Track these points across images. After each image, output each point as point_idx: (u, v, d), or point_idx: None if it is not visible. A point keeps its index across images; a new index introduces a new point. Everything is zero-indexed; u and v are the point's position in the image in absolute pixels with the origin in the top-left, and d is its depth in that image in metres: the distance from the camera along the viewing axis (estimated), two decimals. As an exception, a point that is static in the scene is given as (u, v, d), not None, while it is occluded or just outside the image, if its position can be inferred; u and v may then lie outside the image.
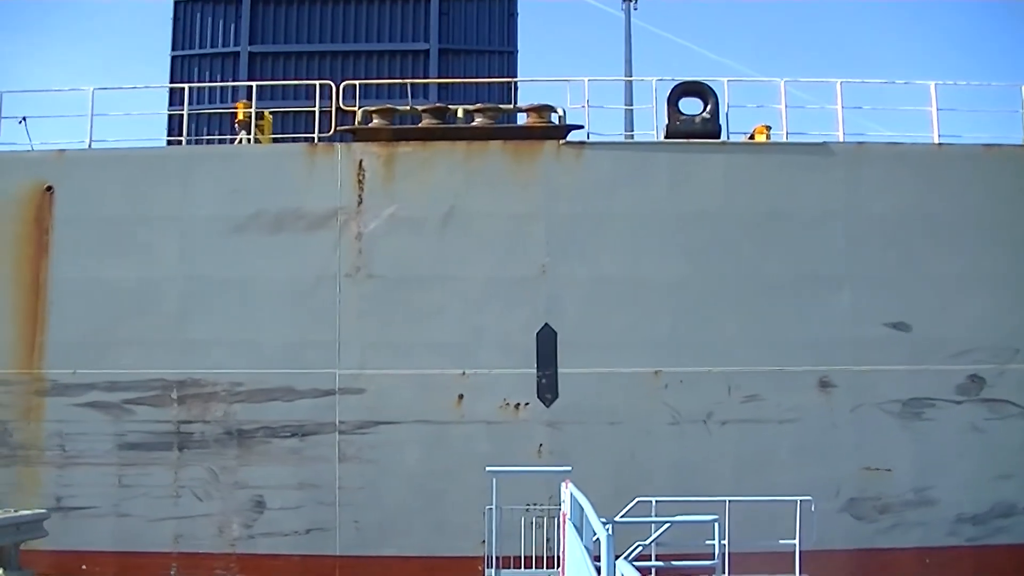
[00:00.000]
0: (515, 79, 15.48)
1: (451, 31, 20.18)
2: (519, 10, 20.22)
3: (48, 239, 15.46)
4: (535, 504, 13.49)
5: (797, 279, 15.09)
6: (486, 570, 12.60)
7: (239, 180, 15.35)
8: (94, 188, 15.53)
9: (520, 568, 12.86)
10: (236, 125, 17.01)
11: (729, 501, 12.59)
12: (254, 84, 16.15)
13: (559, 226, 15.10)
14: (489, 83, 16.07)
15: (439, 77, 19.11)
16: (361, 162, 15.25)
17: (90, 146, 15.86)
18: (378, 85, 17.35)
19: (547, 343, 14.92)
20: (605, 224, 15.11)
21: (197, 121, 19.66)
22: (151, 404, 15.09)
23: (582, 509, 9.36)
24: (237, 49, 20.36)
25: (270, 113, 17.26)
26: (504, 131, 15.43)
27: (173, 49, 20.68)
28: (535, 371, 14.90)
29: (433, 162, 15.24)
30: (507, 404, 14.85)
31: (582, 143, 15.37)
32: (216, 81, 19.78)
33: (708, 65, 53.47)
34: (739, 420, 14.90)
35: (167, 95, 19.58)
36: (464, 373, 14.86)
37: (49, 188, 15.52)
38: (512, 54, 20.12)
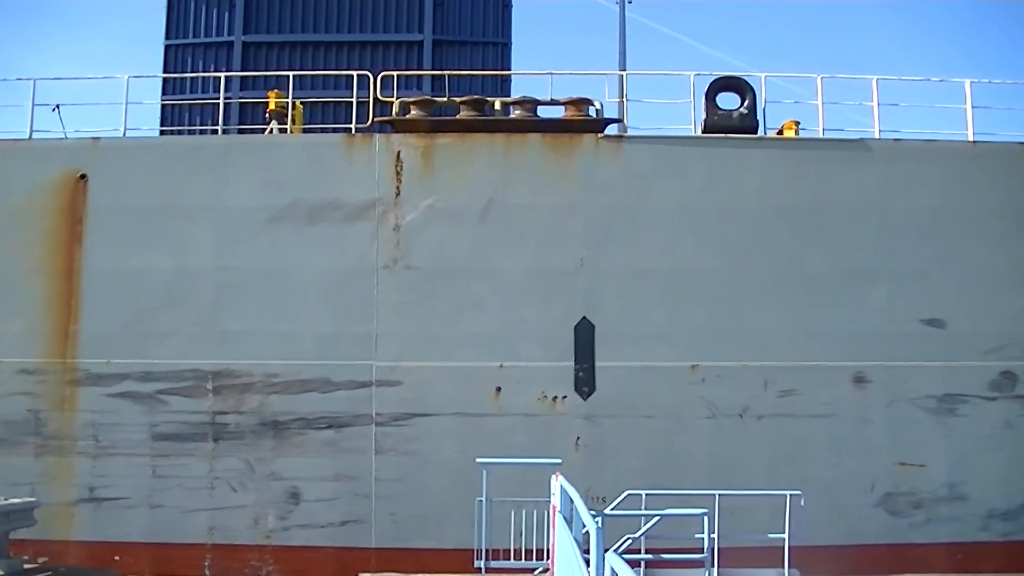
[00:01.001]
0: (550, 72, 15.41)
1: (445, 22, 20.17)
2: (513, 2, 20.24)
3: (82, 228, 15.35)
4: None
5: (833, 274, 15.14)
6: (475, 562, 12.68)
7: (276, 170, 15.27)
8: (129, 177, 15.42)
9: (510, 560, 12.84)
10: (267, 115, 16.94)
11: (719, 495, 12.67)
12: (291, 74, 16.05)
13: (597, 219, 15.10)
14: (518, 75, 16.00)
15: (433, 68, 19.11)
16: (399, 153, 15.20)
17: (124, 134, 15.75)
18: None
19: (585, 336, 14.92)
20: (643, 218, 15.11)
21: (190, 111, 19.61)
22: (186, 395, 15.01)
23: (572, 501, 9.32)
24: (231, 39, 20.30)
25: (301, 103, 17.17)
26: (543, 124, 15.39)
27: (167, 38, 20.61)
28: (573, 364, 14.89)
29: (472, 154, 15.21)
30: (545, 397, 14.84)
31: (620, 137, 15.38)
32: (209, 71, 19.70)
33: (702, 59, 53.62)
34: (775, 415, 14.93)
35: (160, 84, 19.58)
36: (502, 366, 14.84)
37: (83, 176, 15.41)
38: (506, 46, 20.15)
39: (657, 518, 12.29)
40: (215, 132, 16.82)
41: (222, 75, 16.63)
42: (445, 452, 14.74)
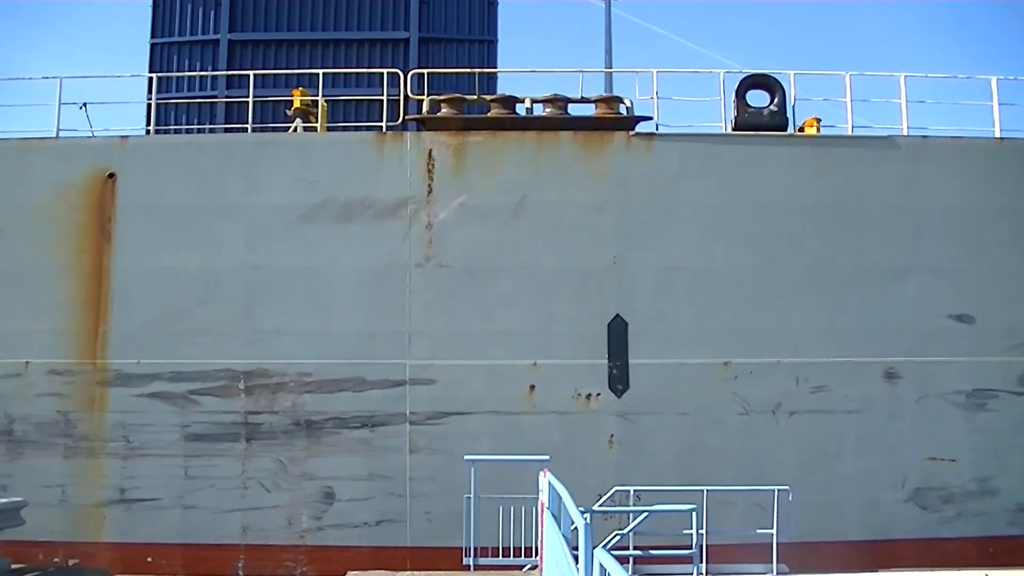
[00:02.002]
0: (582, 70, 15.42)
1: (431, 20, 20.16)
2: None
3: (111, 227, 15.24)
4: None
5: (863, 271, 15.21)
6: (464, 559, 12.73)
7: (307, 169, 15.21)
8: (158, 175, 15.33)
9: (499, 557, 12.88)
10: (291, 112, 16.86)
11: (707, 491, 12.80)
12: (321, 72, 15.99)
13: (629, 217, 15.12)
14: (548, 73, 15.96)
15: (419, 66, 19.07)
16: (431, 151, 15.17)
17: (150, 133, 15.65)
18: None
19: (618, 334, 14.94)
20: (675, 215, 15.14)
21: (176, 109, 19.52)
22: (218, 394, 14.93)
23: (560, 498, 9.34)
24: (217, 37, 20.23)
25: (326, 101, 17.10)
26: (574, 122, 15.40)
27: (153, 37, 20.53)
28: (606, 362, 14.91)
29: (503, 152, 15.19)
30: (579, 395, 14.85)
31: (651, 134, 15.39)
32: (195, 70, 19.62)
33: (690, 57, 53.76)
34: (807, 411, 15.00)
35: (146, 83, 19.44)
36: (535, 364, 14.84)
37: (111, 175, 15.30)
38: (492, 43, 20.16)
39: (645, 514, 12.37)
40: (210, 131, 16.67)
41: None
42: (479, 451, 14.67)
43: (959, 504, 15.07)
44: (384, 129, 15.49)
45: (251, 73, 15.61)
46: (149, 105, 15.63)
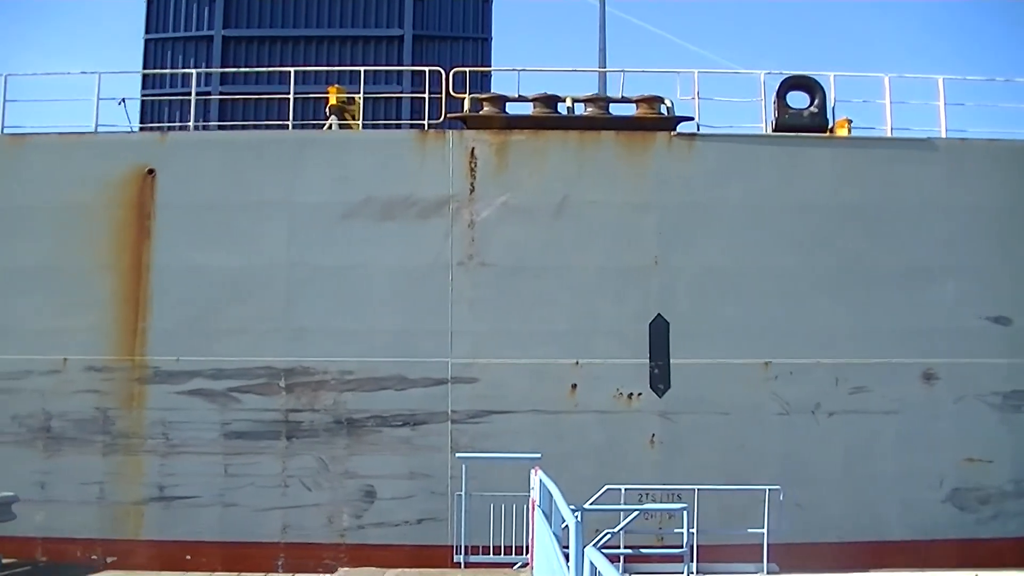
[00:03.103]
0: (623, 70, 15.45)
1: (425, 17, 20.19)
2: (494, -4, 20.22)
3: (150, 224, 15.17)
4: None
5: (902, 272, 15.28)
6: (455, 556, 12.81)
7: (348, 166, 15.18)
8: (198, 172, 15.27)
9: (490, 554, 12.97)
10: (327, 110, 16.83)
11: (698, 490, 12.92)
12: (362, 69, 15.97)
13: (671, 217, 15.15)
14: (589, 72, 15.97)
15: (413, 64, 19.10)
16: (473, 150, 15.17)
17: (192, 129, 15.59)
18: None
19: (659, 333, 14.97)
20: (716, 215, 15.18)
21: (170, 106, 19.48)
22: (258, 392, 14.88)
23: (551, 496, 9.34)
24: (211, 33, 20.22)
25: (359, 98, 17.07)
26: (616, 121, 15.41)
27: (147, 32, 20.48)
28: (648, 361, 14.93)
29: (546, 151, 15.20)
30: (620, 394, 14.87)
31: (693, 135, 15.42)
32: (189, 66, 19.60)
33: (685, 56, 53.93)
34: (846, 411, 15.05)
35: (139, 79, 19.49)
36: (577, 363, 14.85)
37: (151, 171, 15.23)
38: (487, 41, 20.23)
39: (636, 513, 12.40)
40: (204, 128, 16.62)
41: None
42: (521, 449, 14.65)
43: (996, 504, 15.15)
44: (426, 127, 15.45)
45: (291, 70, 15.57)
46: (192, 102, 15.49)
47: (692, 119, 15.42)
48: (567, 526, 7.83)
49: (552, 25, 64.82)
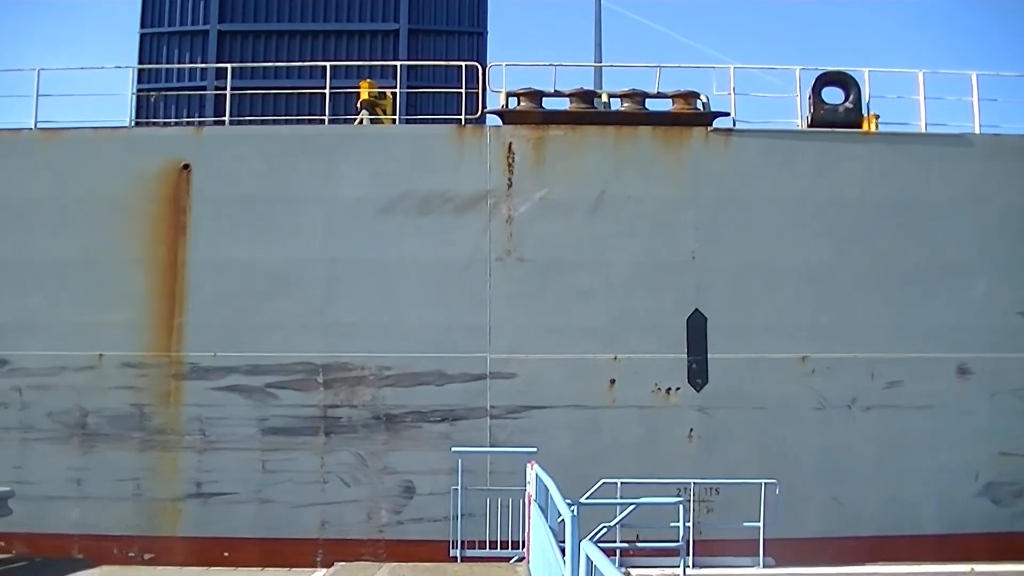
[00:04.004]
0: (659, 65, 15.41)
1: (421, 11, 20.18)
2: (490, -10, 20.21)
3: (186, 218, 15.09)
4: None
5: (936, 267, 15.34)
6: (451, 550, 12.87)
7: (385, 161, 15.13)
8: (233, 166, 15.19)
9: (486, 549, 13.01)
10: (358, 105, 16.78)
11: (694, 483, 13.05)
12: (399, 64, 15.93)
13: (708, 212, 15.18)
14: (635, 67, 15.99)
15: (408, 58, 19.06)
16: (510, 145, 15.14)
17: (227, 123, 15.51)
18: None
19: (697, 328, 14.99)
20: (753, 211, 15.21)
21: (165, 101, 19.41)
22: (296, 388, 14.83)
23: (547, 490, 9.38)
24: (207, 27, 20.15)
25: (391, 94, 17.05)
26: (652, 117, 15.42)
27: (142, 27, 20.40)
28: (685, 356, 14.96)
29: (583, 146, 15.19)
30: (658, 389, 14.89)
31: (729, 130, 15.44)
32: (184, 62, 19.54)
33: (681, 51, 54.04)
34: (881, 406, 15.11)
35: (135, 74, 19.35)
36: (616, 358, 14.86)
37: (186, 166, 15.15)
38: (482, 35, 20.22)
39: (632, 507, 12.49)
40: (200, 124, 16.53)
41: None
42: (559, 444, 14.70)
43: (1030, 499, 15.24)
44: (463, 122, 15.42)
45: (327, 65, 15.48)
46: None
47: (728, 114, 15.44)
48: (563, 520, 7.80)
49: (548, 19, 64.75)
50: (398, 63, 16.17)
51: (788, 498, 14.73)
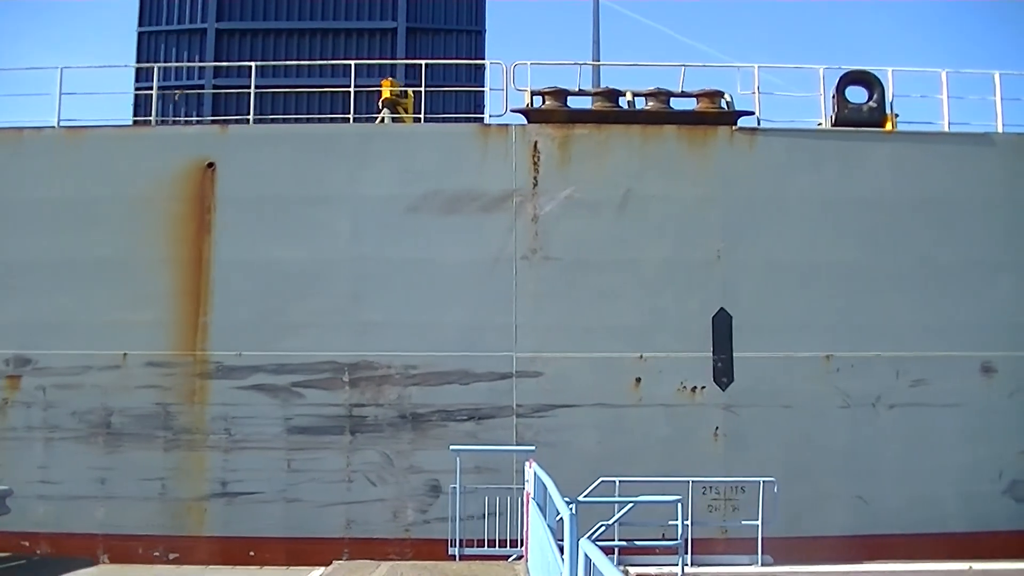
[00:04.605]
0: (684, 64, 15.45)
1: (419, 10, 20.21)
2: (488, -11, 20.26)
3: (210, 217, 15.05)
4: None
5: (960, 266, 15.37)
6: (450, 548, 12.89)
7: (411, 160, 15.12)
8: (258, 165, 15.16)
9: (484, 547, 13.04)
10: (380, 103, 16.78)
11: (691, 482, 12.97)
12: (424, 62, 15.89)
13: (733, 211, 15.19)
14: (653, 66, 15.99)
15: (407, 56, 19.08)
16: (536, 144, 15.14)
17: (251, 122, 15.49)
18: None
19: (723, 327, 15.00)
20: (778, 210, 15.23)
21: (163, 100, 19.38)
22: (321, 387, 14.81)
23: (545, 488, 9.38)
24: (204, 26, 20.14)
25: (413, 92, 17.04)
26: (677, 116, 15.43)
27: (140, 25, 20.39)
28: (711, 355, 14.96)
29: (608, 145, 15.20)
30: (684, 387, 14.89)
31: (754, 129, 15.46)
32: (183, 60, 19.53)
33: (679, 49, 54.07)
34: (906, 404, 15.13)
35: (133, 72, 19.40)
36: (642, 356, 14.86)
37: (211, 165, 15.11)
38: (480, 33, 20.24)
39: (630, 505, 12.52)
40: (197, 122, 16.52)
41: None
42: (586, 443, 14.73)
43: (1053, 497, 15.27)
44: (487, 120, 15.41)
45: (352, 62, 15.46)
46: (251, 95, 15.38)
47: (752, 113, 15.46)
48: (561, 518, 7.77)
49: (545, 18, 64.70)
50: (423, 61, 16.11)
51: (814, 496, 14.83)
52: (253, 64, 15.56)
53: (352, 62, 15.55)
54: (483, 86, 17.29)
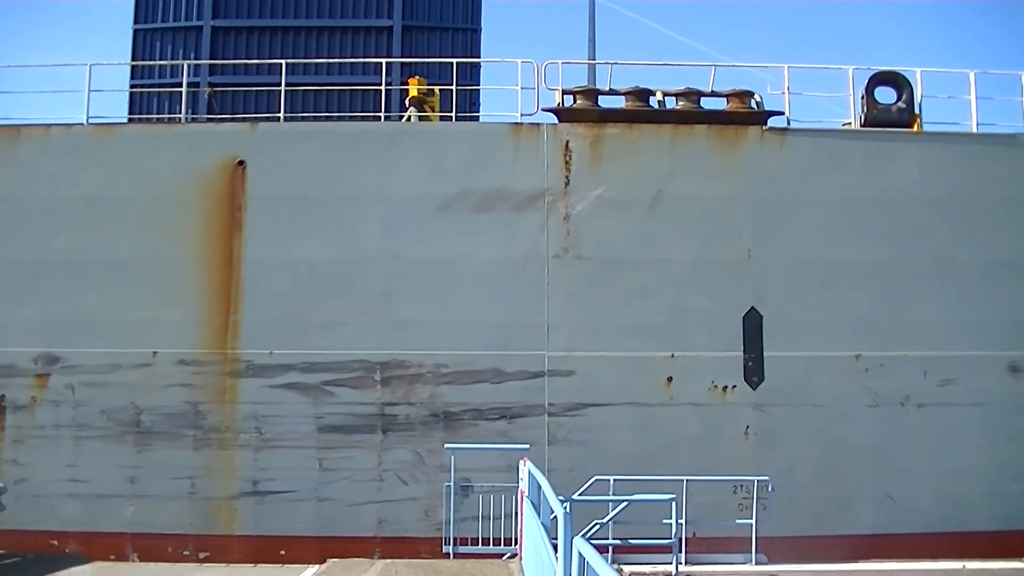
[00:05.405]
0: (714, 64, 15.50)
1: (414, 8, 20.22)
2: (483, -13, 20.31)
3: (241, 215, 15.00)
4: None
5: (988, 266, 15.45)
6: (444, 547, 12.94)
7: (442, 159, 15.10)
8: (289, 163, 15.12)
9: (479, 545, 13.08)
10: (407, 101, 16.76)
11: (687, 480, 13.04)
12: (455, 61, 15.86)
13: (764, 211, 15.23)
14: (684, 66, 16.06)
15: (402, 55, 19.09)
16: (568, 143, 15.15)
17: (282, 120, 15.44)
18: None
19: (753, 326, 15.04)
20: (808, 209, 15.28)
21: (158, 97, 19.35)
22: (353, 386, 14.78)
23: (540, 487, 9.40)
24: (200, 23, 20.10)
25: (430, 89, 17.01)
26: (708, 115, 15.46)
27: (135, 22, 20.36)
28: (742, 354, 15.01)
29: (639, 145, 15.22)
30: (715, 386, 14.93)
31: (784, 129, 15.51)
32: (178, 58, 19.49)
33: (675, 48, 54.13)
34: (934, 403, 15.21)
35: (128, 70, 19.39)
36: (673, 355, 14.89)
37: (241, 163, 15.06)
38: (476, 31, 20.28)
39: (625, 503, 12.58)
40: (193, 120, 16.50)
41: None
42: (617, 442, 14.74)
43: (1078, 496, 15.37)
44: (518, 118, 15.40)
45: (383, 61, 15.40)
46: (282, 93, 15.33)
47: (782, 113, 15.51)
48: (556, 516, 7.78)
49: (541, 16, 64.67)
50: (455, 60, 16.08)
51: (842, 495, 14.92)
52: (284, 62, 15.55)
53: (384, 60, 15.49)
54: (478, 85, 17.34)
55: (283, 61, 15.48)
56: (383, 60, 16.05)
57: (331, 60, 18.60)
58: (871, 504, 14.92)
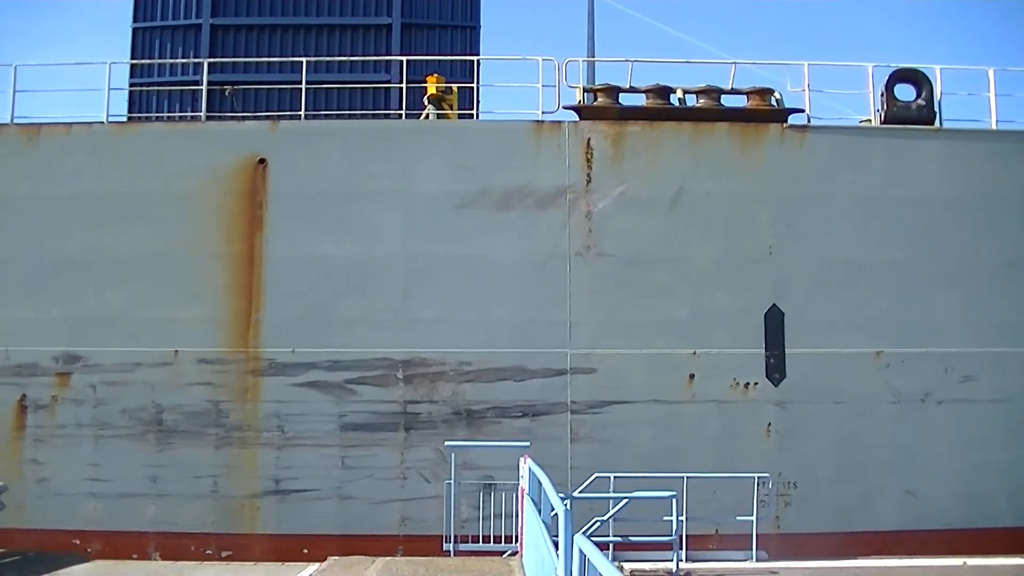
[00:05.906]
0: (734, 62, 15.50)
1: (413, 6, 20.22)
2: (483, -15, 20.31)
3: (262, 213, 14.98)
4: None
5: (1008, 263, 15.47)
6: (444, 544, 12.95)
7: (464, 156, 15.10)
8: (310, 161, 15.10)
9: (479, 543, 13.11)
10: (425, 100, 16.74)
11: (686, 477, 13.11)
12: (474, 59, 15.84)
13: (785, 208, 15.24)
14: (705, 63, 16.02)
15: (401, 52, 19.09)
16: (589, 140, 15.15)
17: (303, 118, 15.42)
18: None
19: (775, 323, 15.05)
20: (828, 207, 15.30)
21: (158, 96, 19.34)
22: (375, 384, 14.77)
23: (540, 484, 9.42)
24: (199, 21, 20.10)
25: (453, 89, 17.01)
26: (728, 113, 15.47)
27: (134, 21, 20.35)
28: (763, 351, 15.01)
29: (661, 142, 15.22)
30: (737, 383, 14.94)
31: (805, 127, 15.52)
32: (177, 57, 19.47)
33: (675, 45, 54.04)
34: (955, 400, 15.23)
35: (127, 69, 19.36)
36: (695, 353, 14.89)
37: (262, 161, 15.03)
38: (475, 29, 20.28)
39: (625, 501, 12.59)
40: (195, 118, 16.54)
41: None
42: (640, 439, 14.75)
43: (1098, 493, 15.40)
44: (540, 115, 15.39)
45: (403, 59, 15.38)
46: (303, 90, 15.31)
47: (802, 111, 15.52)
48: (556, 513, 7.80)
49: (540, 13, 64.67)
50: (474, 58, 16.09)
51: (864, 491, 14.94)
52: (304, 60, 15.52)
53: (404, 58, 15.46)
54: (482, 83, 17.27)
55: (304, 59, 15.44)
56: (402, 58, 16.02)
57: (352, 58, 18.58)
58: (892, 500, 14.94)
